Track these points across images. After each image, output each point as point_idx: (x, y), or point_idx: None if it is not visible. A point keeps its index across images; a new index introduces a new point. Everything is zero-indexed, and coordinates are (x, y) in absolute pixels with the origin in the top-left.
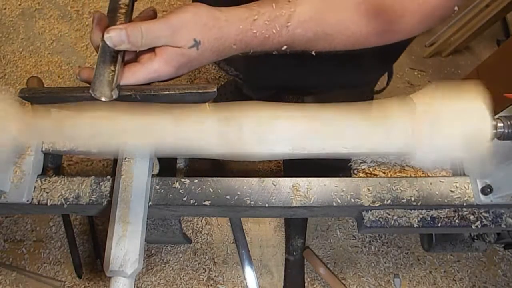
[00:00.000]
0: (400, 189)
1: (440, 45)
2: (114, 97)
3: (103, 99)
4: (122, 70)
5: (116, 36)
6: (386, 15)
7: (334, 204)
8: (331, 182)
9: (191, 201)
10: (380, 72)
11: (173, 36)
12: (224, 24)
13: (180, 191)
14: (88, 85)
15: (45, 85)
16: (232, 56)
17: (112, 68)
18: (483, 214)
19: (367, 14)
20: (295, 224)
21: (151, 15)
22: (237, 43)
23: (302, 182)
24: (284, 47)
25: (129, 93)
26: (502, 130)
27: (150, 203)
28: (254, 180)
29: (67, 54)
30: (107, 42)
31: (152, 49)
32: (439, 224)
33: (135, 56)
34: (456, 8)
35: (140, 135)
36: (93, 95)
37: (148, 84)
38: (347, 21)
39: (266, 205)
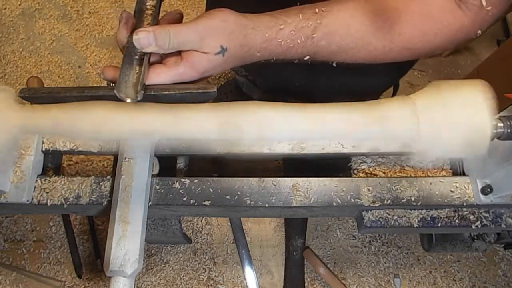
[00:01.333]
0: (400, 189)
1: None
2: (139, 98)
3: (128, 100)
4: (147, 71)
5: (144, 39)
6: (408, 34)
7: (334, 204)
8: (331, 182)
9: (191, 201)
10: (386, 85)
11: (201, 42)
12: (250, 32)
13: (180, 191)
14: (88, 85)
15: (45, 85)
16: None
17: (138, 69)
18: (483, 214)
19: (390, 31)
20: (295, 224)
21: (178, 18)
22: (261, 50)
23: (302, 182)
24: (307, 57)
25: None
26: (502, 130)
27: (150, 203)
28: (254, 180)
29: (67, 54)
30: (135, 44)
31: (178, 53)
32: (439, 224)
33: (160, 58)
34: (479, 32)
35: (140, 131)
36: (118, 95)
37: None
38: (370, 36)
39: (266, 205)
